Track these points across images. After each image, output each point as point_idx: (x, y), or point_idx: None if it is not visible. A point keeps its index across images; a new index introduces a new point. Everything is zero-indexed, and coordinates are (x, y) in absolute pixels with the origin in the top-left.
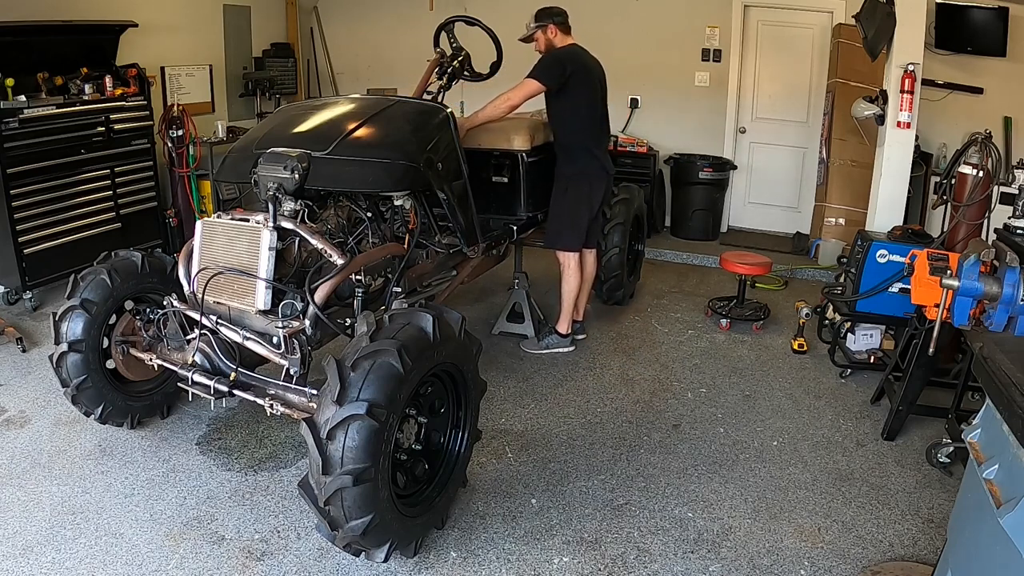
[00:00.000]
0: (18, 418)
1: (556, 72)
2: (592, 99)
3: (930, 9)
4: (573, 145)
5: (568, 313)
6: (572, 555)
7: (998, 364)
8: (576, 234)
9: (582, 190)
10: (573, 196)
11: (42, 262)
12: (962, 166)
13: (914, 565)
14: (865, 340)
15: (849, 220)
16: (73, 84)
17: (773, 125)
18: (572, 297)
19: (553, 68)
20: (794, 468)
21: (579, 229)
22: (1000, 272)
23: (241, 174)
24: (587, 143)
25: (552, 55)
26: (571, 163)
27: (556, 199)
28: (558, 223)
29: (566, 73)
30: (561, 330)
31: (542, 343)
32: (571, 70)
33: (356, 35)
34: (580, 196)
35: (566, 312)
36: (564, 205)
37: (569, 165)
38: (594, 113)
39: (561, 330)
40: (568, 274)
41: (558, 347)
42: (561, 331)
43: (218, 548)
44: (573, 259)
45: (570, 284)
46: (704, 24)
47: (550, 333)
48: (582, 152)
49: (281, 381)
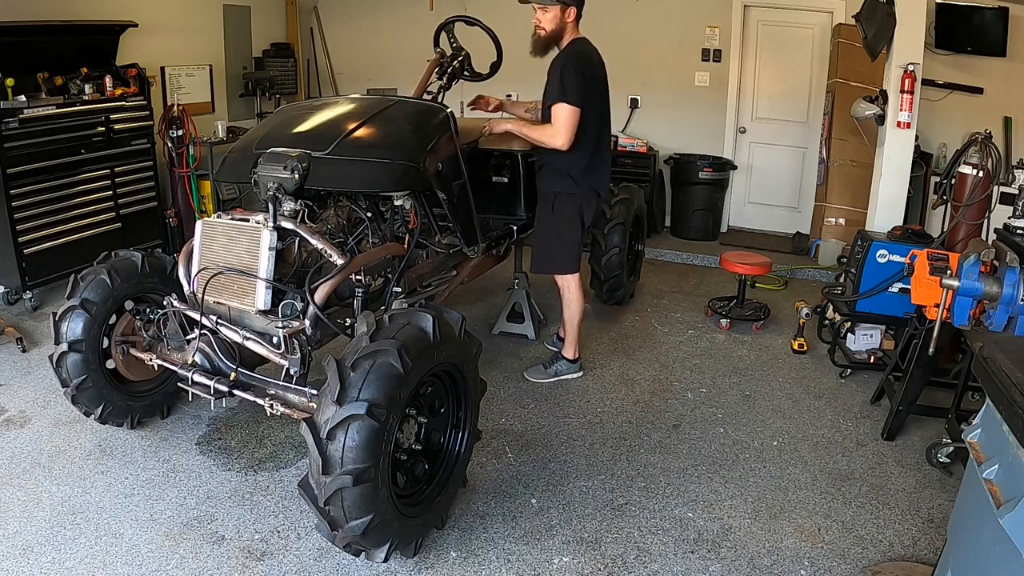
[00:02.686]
0: (18, 418)
1: (581, 87)
2: (600, 109)
3: (930, 9)
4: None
5: (574, 339)
6: (572, 555)
7: (998, 364)
8: (569, 254)
9: (568, 211)
10: (560, 215)
11: (42, 262)
12: (962, 166)
13: (914, 565)
14: (865, 340)
15: (849, 220)
16: (73, 84)
17: (773, 125)
18: (576, 322)
19: (578, 83)
20: (794, 468)
21: (571, 249)
22: (1000, 272)
23: (241, 174)
24: (585, 160)
25: (569, 67)
26: (561, 180)
27: (542, 219)
28: (547, 244)
29: (584, 83)
30: (569, 356)
31: (550, 370)
32: (586, 80)
33: (356, 35)
34: (568, 216)
35: (571, 338)
36: (551, 225)
37: (559, 181)
38: (600, 125)
39: (569, 356)
40: (569, 297)
41: (567, 374)
42: (569, 357)
43: (218, 548)
44: (574, 281)
45: (572, 309)
46: (704, 24)
47: (558, 360)
48: (576, 170)
49: (281, 381)
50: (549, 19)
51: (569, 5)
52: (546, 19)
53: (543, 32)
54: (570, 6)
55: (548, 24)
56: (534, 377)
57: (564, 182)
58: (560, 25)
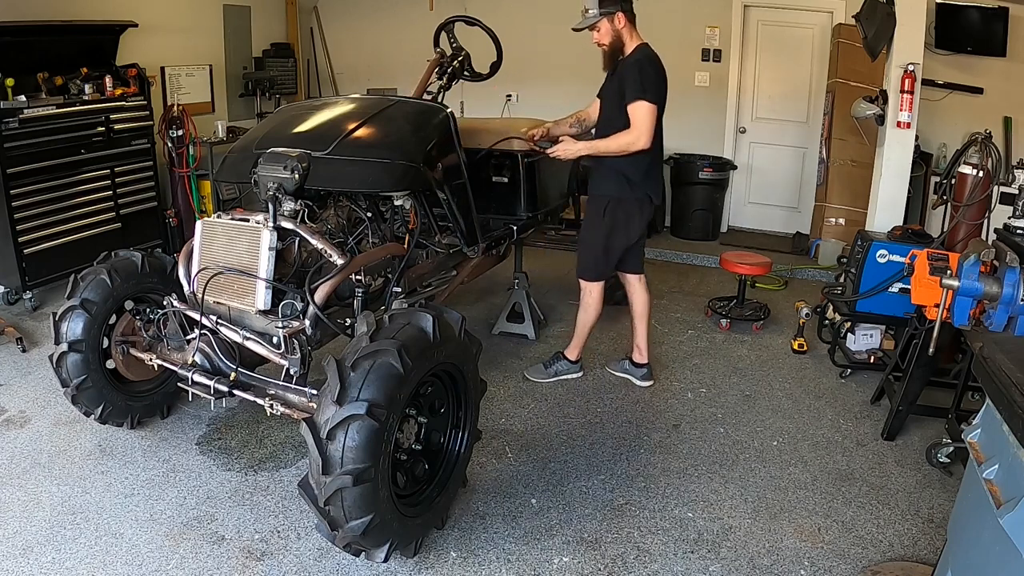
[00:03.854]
0: (18, 418)
1: (662, 87)
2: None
3: (930, 9)
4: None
5: (581, 341)
6: (572, 555)
7: (998, 364)
8: (605, 265)
9: (619, 217)
10: (610, 223)
11: (42, 262)
12: (962, 166)
13: (914, 565)
14: (865, 340)
15: (849, 220)
16: (73, 84)
17: (773, 125)
18: (587, 327)
19: (658, 82)
20: (794, 468)
21: (610, 260)
22: (1000, 272)
23: (241, 174)
24: (645, 163)
25: (647, 65)
26: (616, 183)
27: (591, 223)
28: (592, 251)
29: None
30: (571, 357)
31: (550, 369)
32: (662, 81)
33: (356, 35)
34: (619, 222)
35: (578, 340)
36: (599, 232)
37: (614, 185)
38: (661, 133)
39: (571, 357)
40: (588, 302)
41: (567, 374)
42: (572, 358)
43: (218, 548)
44: (596, 289)
45: (588, 314)
46: (704, 24)
47: (558, 359)
48: (637, 172)
49: (281, 381)
50: (603, 33)
51: (614, 12)
52: (600, 34)
53: (604, 47)
54: (615, 13)
55: (604, 38)
56: (534, 376)
57: (620, 186)
58: (616, 34)
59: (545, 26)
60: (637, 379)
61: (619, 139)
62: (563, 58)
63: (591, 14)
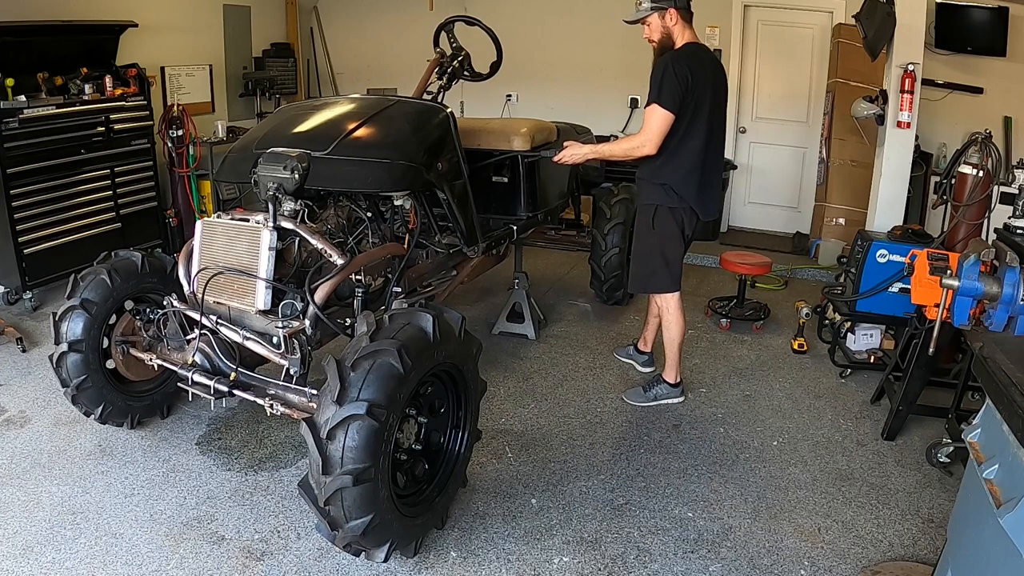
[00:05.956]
0: (18, 418)
1: (679, 93)
2: (709, 123)
3: (930, 9)
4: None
5: (675, 360)
6: (572, 555)
7: (998, 364)
8: (672, 274)
9: (669, 225)
10: (661, 230)
11: (42, 262)
12: (962, 166)
13: (914, 565)
14: (865, 340)
15: (849, 220)
16: (73, 84)
17: (773, 125)
18: (677, 344)
19: (675, 88)
20: (794, 468)
21: (674, 267)
22: (1000, 272)
23: (241, 174)
24: (680, 173)
25: (671, 68)
26: (657, 192)
27: (641, 234)
28: (648, 263)
29: (688, 89)
30: (670, 380)
31: (649, 394)
32: (692, 85)
33: (356, 35)
34: (670, 230)
35: (672, 360)
36: (652, 241)
37: (657, 194)
38: (707, 140)
39: (670, 380)
40: (669, 319)
41: (667, 398)
42: (671, 381)
43: (218, 548)
44: (674, 301)
45: (672, 331)
46: (704, 24)
47: (658, 383)
48: (675, 182)
49: (281, 381)
50: (653, 29)
51: (665, 8)
52: (651, 30)
53: (654, 44)
54: (667, 9)
55: (654, 34)
56: (633, 400)
57: (662, 194)
58: (665, 31)
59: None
60: (639, 365)
61: (624, 143)
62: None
63: (643, 7)
